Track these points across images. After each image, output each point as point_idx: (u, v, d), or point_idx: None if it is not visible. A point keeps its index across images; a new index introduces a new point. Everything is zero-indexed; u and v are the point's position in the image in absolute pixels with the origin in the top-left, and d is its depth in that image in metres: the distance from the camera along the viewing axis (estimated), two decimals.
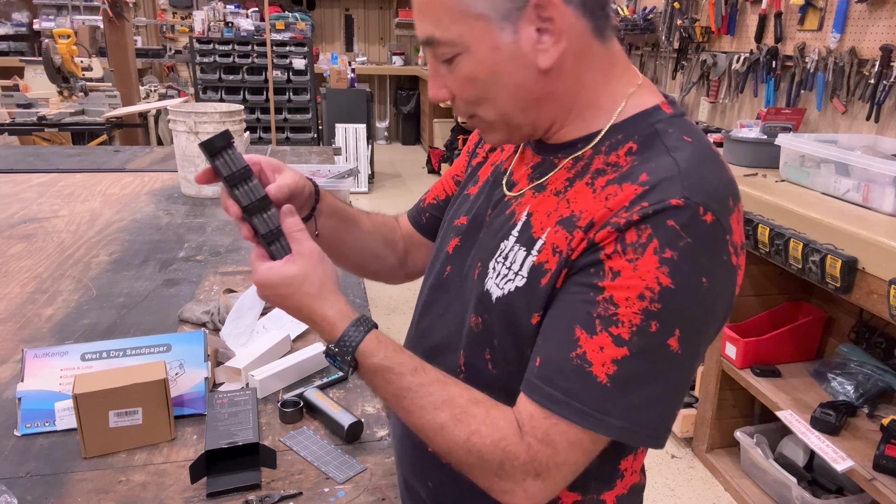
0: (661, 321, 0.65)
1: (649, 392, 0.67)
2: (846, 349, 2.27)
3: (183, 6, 8.46)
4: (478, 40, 0.71)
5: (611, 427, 0.67)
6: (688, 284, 0.65)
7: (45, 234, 2.08)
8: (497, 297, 0.77)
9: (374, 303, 3.62)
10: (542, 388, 0.69)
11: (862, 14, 2.38)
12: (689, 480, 2.54)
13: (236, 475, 1.00)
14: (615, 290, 0.66)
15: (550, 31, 0.70)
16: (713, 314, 0.69)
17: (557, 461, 0.69)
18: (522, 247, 0.76)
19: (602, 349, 0.66)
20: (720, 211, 0.66)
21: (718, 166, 0.71)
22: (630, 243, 0.66)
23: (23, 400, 1.13)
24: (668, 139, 0.71)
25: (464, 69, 0.73)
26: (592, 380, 0.66)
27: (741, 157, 2.57)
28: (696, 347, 0.69)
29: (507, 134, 0.79)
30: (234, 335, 1.36)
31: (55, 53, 4.26)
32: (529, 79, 0.72)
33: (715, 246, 0.66)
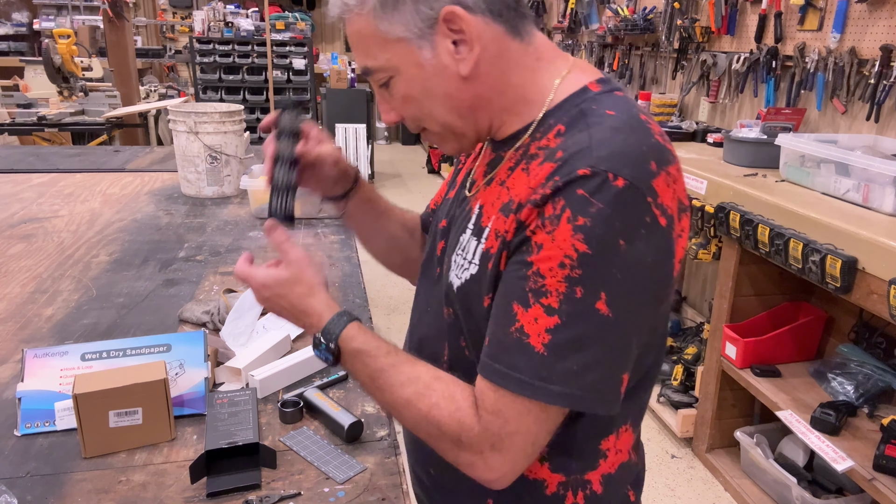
0: (584, 286, 0.68)
1: (585, 356, 0.69)
2: (846, 349, 2.27)
3: (183, 6, 8.46)
4: (403, 61, 0.77)
5: (552, 394, 0.70)
6: (604, 248, 0.68)
7: (45, 234, 2.08)
8: (457, 287, 0.83)
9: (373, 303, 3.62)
10: (489, 364, 0.73)
11: (862, 14, 2.38)
12: (689, 480, 2.54)
13: (236, 475, 1.00)
14: (540, 263, 0.70)
15: (464, 41, 0.76)
16: (643, 275, 0.71)
17: (509, 430, 0.72)
18: (475, 237, 0.81)
19: (536, 320, 0.70)
20: (635, 175, 0.69)
21: (638, 133, 0.73)
22: (548, 217, 0.70)
23: (23, 400, 1.13)
24: (591, 116, 0.75)
25: (399, 89, 0.80)
26: (531, 350, 0.70)
27: (741, 157, 2.57)
28: (629, 309, 0.70)
29: (456, 142, 0.85)
30: (234, 335, 1.36)
31: (55, 53, 4.26)
32: (455, 87, 0.78)
33: (630, 209, 0.68)
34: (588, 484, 0.84)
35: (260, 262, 0.92)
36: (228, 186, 2.55)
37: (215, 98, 6.58)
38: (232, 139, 2.48)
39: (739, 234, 2.21)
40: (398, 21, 0.75)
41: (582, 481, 0.84)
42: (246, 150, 2.68)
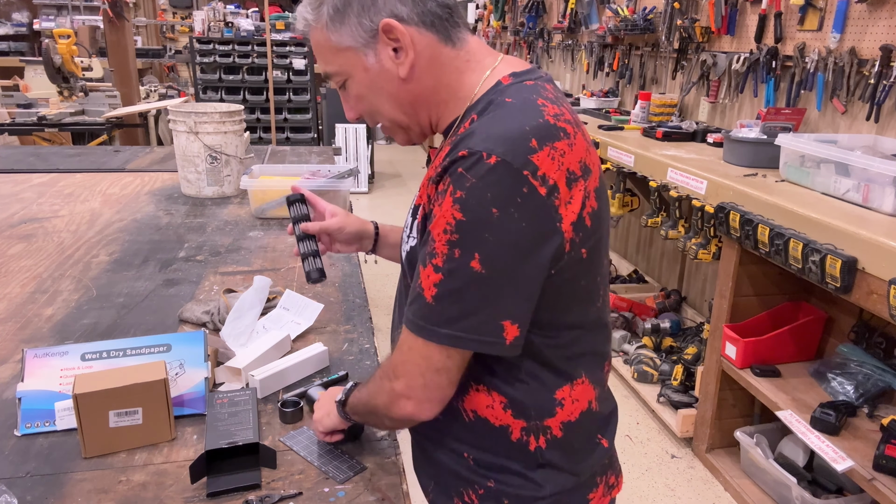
0: (460, 248, 0.81)
1: (463, 305, 0.83)
2: (846, 349, 2.27)
3: (183, 6, 8.47)
4: (353, 66, 0.93)
5: (438, 334, 0.84)
6: (477, 215, 0.80)
7: (45, 234, 2.08)
8: (405, 258, 0.97)
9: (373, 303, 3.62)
10: (406, 315, 0.88)
11: (862, 14, 2.38)
12: (689, 480, 2.54)
13: (236, 475, 1.00)
14: (433, 230, 0.84)
15: (401, 48, 0.90)
16: (517, 237, 0.81)
17: (402, 360, 0.89)
18: (412, 214, 0.96)
19: (428, 277, 0.84)
20: (508, 153, 0.80)
21: (523, 116, 0.84)
22: (440, 192, 0.84)
23: (23, 400, 1.13)
24: (494, 106, 0.88)
25: (353, 90, 0.96)
26: (423, 301, 0.85)
27: (741, 157, 2.57)
28: (503, 267, 0.81)
29: (404, 134, 1.00)
30: (234, 335, 1.36)
31: (55, 53, 4.26)
32: (396, 87, 0.93)
33: (502, 182, 0.80)
34: (548, 429, 0.94)
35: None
36: (228, 186, 2.55)
37: (215, 98, 6.58)
38: (232, 139, 2.49)
39: (739, 234, 2.21)
40: (346, 33, 0.90)
41: (542, 427, 0.94)
42: (246, 150, 2.68)
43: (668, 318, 3.34)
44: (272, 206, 2.29)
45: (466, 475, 0.98)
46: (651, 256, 4.00)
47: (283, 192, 2.28)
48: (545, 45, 5.33)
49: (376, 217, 1.36)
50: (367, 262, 1.38)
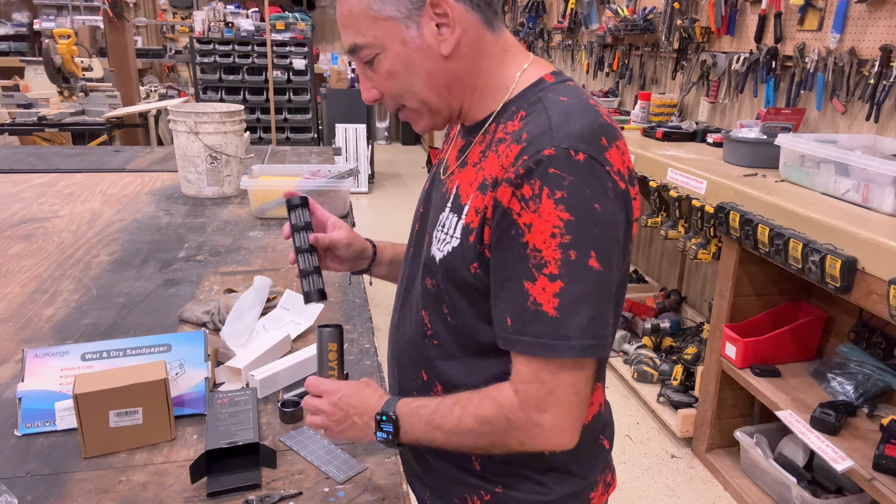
0: (575, 248, 0.78)
1: (590, 309, 0.79)
2: (846, 349, 2.27)
3: (183, 6, 8.46)
4: (390, 39, 0.86)
5: (572, 348, 0.79)
6: (583, 212, 0.78)
7: (45, 234, 2.08)
8: (440, 259, 0.91)
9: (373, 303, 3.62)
10: (518, 339, 0.82)
11: (861, 14, 2.38)
12: (689, 480, 2.54)
13: (236, 475, 1.00)
14: (534, 240, 0.79)
15: (446, 24, 0.85)
16: (615, 231, 0.81)
17: (549, 389, 0.81)
18: (454, 213, 0.90)
19: (544, 290, 0.79)
20: (590, 149, 0.79)
21: (589, 115, 0.83)
22: (529, 197, 0.79)
23: (23, 400, 1.13)
24: (547, 101, 0.85)
25: (384, 66, 0.88)
26: (546, 317, 0.79)
27: (741, 157, 2.57)
28: (611, 261, 0.81)
29: (430, 118, 0.93)
30: (234, 335, 1.36)
31: (55, 53, 4.26)
32: (436, 65, 0.87)
33: (595, 177, 0.79)
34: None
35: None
36: (228, 186, 2.55)
37: (215, 98, 6.58)
38: (232, 139, 2.49)
39: (739, 234, 2.21)
40: (389, 1, 0.84)
41: None
42: (246, 150, 2.68)
43: (667, 318, 3.34)
44: (272, 206, 2.29)
45: (471, 481, 0.96)
46: (651, 256, 4.00)
47: (284, 192, 2.29)
48: (545, 45, 5.33)
49: (376, 217, 1.35)
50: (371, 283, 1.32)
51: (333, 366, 0.98)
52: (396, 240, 1.24)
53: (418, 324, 0.97)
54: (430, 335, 0.95)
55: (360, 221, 4.49)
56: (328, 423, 0.95)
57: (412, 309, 0.99)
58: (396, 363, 1.04)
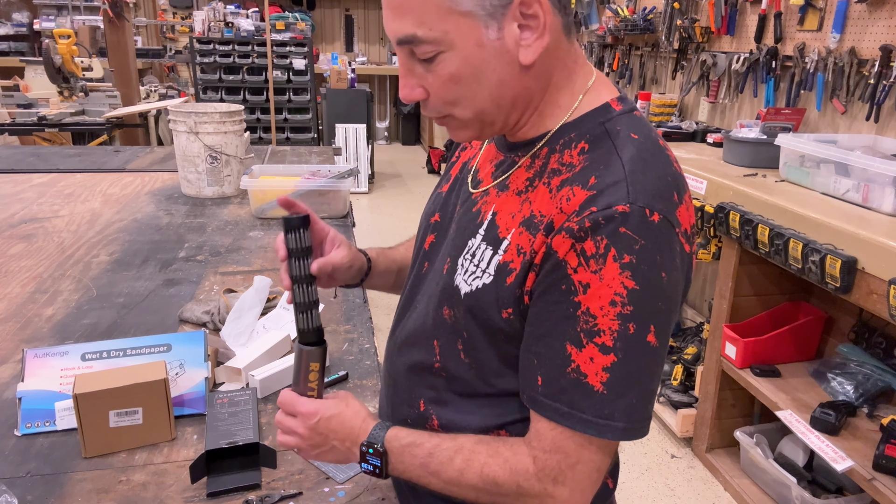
0: (636, 322, 0.70)
1: (641, 389, 0.72)
2: (846, 349, 2.27)
3: (183, 6, 8.46)
4: (463, 37, 0.71)
5: (615, 430, 0.71)
6: (650, 282, 0.69)
7: (45, 234, 2.08)
8: (465, 293, 0.80)
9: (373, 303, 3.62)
10: (549, 404, 0.73)
11: (861, 14, 2.38)
12: (689, 480, 2.54)
13: (236, 475, 1.00)
14: (590, 302, 0.70)
15: (532, 28, 0.72)
16: (676, 303, 0.74)
17: (570, 462, 0.73)
18: (489, 246, 0.79)
19: (592, 360, 0.70)
20: (665, 209, 0.70)
21: (662, 163, 0.74)
22: (591, 255, 0.69)
23: (23, 400, 1.13)
24: (617, 138, 0.74)
25: (447, 67, 0.73)
26: (590, 390, 0.71)
27: (741, 157, 2.57)
28: (668, 336, 0.73)
29: (478, 131, 0.80)
30: (234, 335, 1.36)
31: (55, 53, 4.26)
32: (511, 74, 0.74)
33: (666, 242, 0.71)
34: None
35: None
36: (228, 186, 2.55)
37: (215, 98, 6.58)
38: (232, 139, 2.49)
39: (739, 234, 2.21)
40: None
41: None
42: (246, 150, 2.68)
43: None
44: (272, 205, 2.29)
45: None
46: None
47: (284, 192, 2.29)
48: None
49: (376, 217, 1.34)
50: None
51: (314, 387, 0.89)
52: (396, 240, 1.22)
53: (426, 351, 0.88)
54: (437, 367, 0.86)
55: (360, 221, 4.49)
56: (303, 446, 0.87)
57: (420, 333, 0.89)
58: (393, 384, 0.95)
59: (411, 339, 0.91)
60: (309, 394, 0.89)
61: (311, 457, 0.89)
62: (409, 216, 5.65)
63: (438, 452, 0.79)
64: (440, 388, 0.87)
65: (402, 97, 0.78)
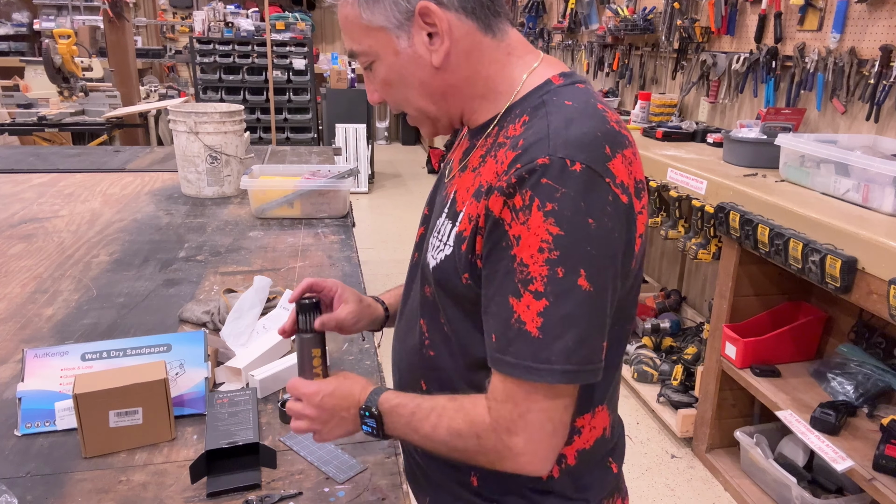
0: (564, 266, 0.73)
1: (577, 332, 0.74)
2: (846, 349, 2.28)
3: (183, 6, 8.46)
4: (383, 48, 0.85)
5: (553, 372, 0.74)
6: (575, 227, 0.73)
7: (45, 234, 2.08)
8: (433, 267, 0.88)
9: None
10: (500, 358, 0.78)
11: (862, 14, 2.38)
12: (688, 480, 2.54)
13: (236, 475, 1.00)
14: (522, 253, 0.75)
15: (437, 34, 0.83)
16: (610, 249, 0.76)
17: (521, 411, 0.77)
18: (449, 220, 0.87)
19: (529, 307, 0.74)
20: (590, 159, 0.74)
21: (593, 121, 0.78)
22: (520, 208, 0.75)
23: (23, 400, 1.13)
24: (550, 106, 0.81)
25: (379, 73, 0.88)
26: (528, 336, 0.75)
27: (741, 157, 2.57)
28: (604, 282, 0.76)
29: (431, 125, 0.92)
30: (234, 335, 1.36)
31: (55, 53, 4.26)
32: (428, 75, 0.85)
33: (593, 190, 0.74)
34: (563, 458, 0.89)
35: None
36: (228, 186, 2.55)
37: (215, 98, 6.58)
38: (232, 139, 2.49)
39: (739, 234, 2.21)
40: (379, 11, 0.83)
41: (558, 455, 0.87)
42: (246, 150, 2.68)
43: (667, 318, 3.34)
44: (272, 206, 2.30)
45: (469, 497, 0.94)
46: (651, 256, 4.00)
47: (283, 192, 2.29)
48: (545, 45, 5.33)
49: (376, 217, 1.34)
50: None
51: (318, 371, 0.93)
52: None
53: (418, 333, 0.94)
54: (427, 344, 0.93)
55: (360, 221, 4.49)
56: (314, 427, 0.91)
57: (412, 317, 0.97)
58: (398, 371, 1.02)
59: (408, 325, 0.98)
60: (315, 378, 0.94)
61: (324, 436, 0.92)
62: (410, 216, 5.65)
63: (419, 411, 0.85)
64: (433, 365, 0.93)
65: (368, 100, 0.94)
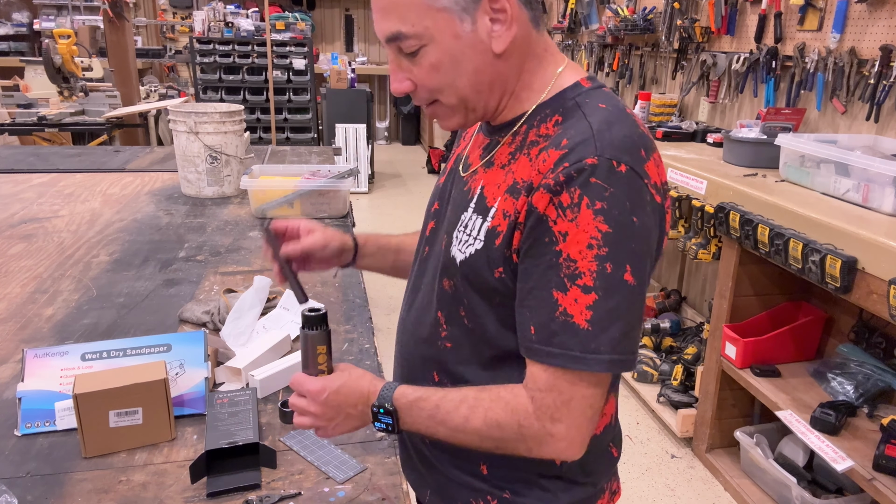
0: (612, 261, 0.76)
1: (622, 324, 0.78)
2: (846, 349, 2.27)
3: (183, 6, 8.46)
4: (442, 31, 0.81)
5: (602, 362, 0.77)
6: (622, 225, 0.76)
7: (45, 234, 2.08)
8: (461, 261, 0.88)
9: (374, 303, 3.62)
10: (541, 349, 0.80)
11: (862, 14, 2.38)
12: (689, 480, 2.54)
13: (236, 475, 1.00)
14: (569, 248, 0.77)
15: (501, 21, 0.82)
16: (650, 246, 0.80)
17: (565, 399, 0.79)
18: (479, 215, 0.87)
19: (576, 301, 0.77)
20: (632, 161, 0.78)
21: (628, 125, 0.81)
22: (567, 205, 0.77)
23: (23, 400, 1.13)
24: (586, 108, 0.83)
25: (429, 58, 0.83)
26: (576, 328, 0.77)
27: (741, 157, 2.57)
28: (644, 276, 0.80)
29: (464, 117, 0.90)
30: (234, 335, 1.36)
31: (55, 53, 4.26)
32: (486, 62, 0.84)
33: (635, 190, 0.78)
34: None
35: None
36: (228, 186, 2.55)
37: (215, 98, 6.57)
38: (232, 139, 2.49)
39: (739, 234, 2.21)
40: None
41: None
42: (246, 150, 2.68)
43: (667, 317, 3.34)
44: (272, 206, 2.29)
45: (478, 485, 0.95)
46: None
47: (284, 192, 2.29)
48: None
49: (376, 217, 1.35)
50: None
51: (323, 368, 0.92)
52: None
53: (432, 325, 0.95)
54: (444, 336, 0.93)
55: (360, 221, 4.49)
56: (319, 423, 0.90)
57: (426, 309, 0.97)
58: (406, 363, 1.02)
59: (420, 317, 0.98)
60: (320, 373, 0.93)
61: (330, 433, 0.91)
62: (409, 216, 5.65)
63: (444, 403, 0.85)
64: (449, 358, 0.93)
65: (392, 90, 0.88)
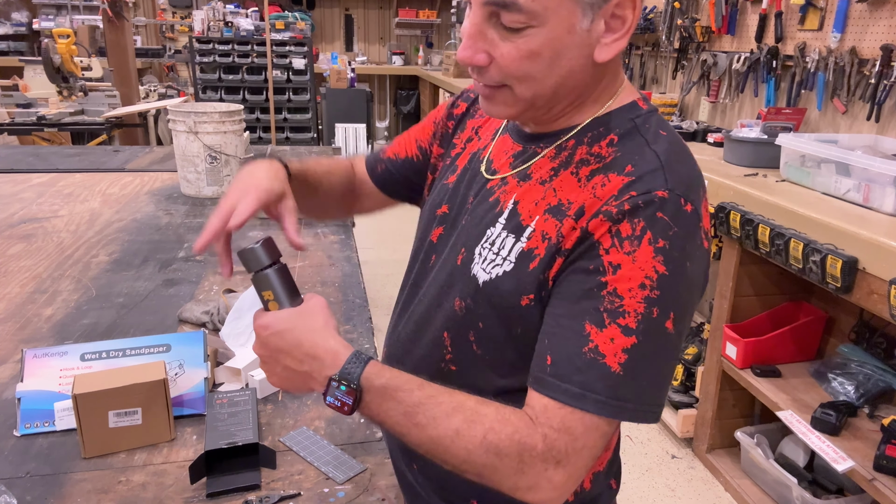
0: (660, 306, 0.70)
1: (654, 372, 0.72)
2: (846, 349, 2.27)
3: (183, 6, 8.45)
4: (559, 19, 0.71)
5: (626, 410, 0.71)
6: (678, 269, 0.70)
7: (44, 234, 2.08)
8: (484, 281, 0.80)
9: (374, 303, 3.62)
10: (557, 384, 0.71)
11: (862, 14, 2.38)
12: (689, 480, 2.54)
13: (236, 475, 1.00)
14: (618, 283, 0.70)
15: (615, 30, 0.74)
16: (696, 294, 0.75)
17: (577, 447, 0.71)
18: (510, 233, 0.79)
19: (612, 340, 0.69)
20: (696, 201, 0.73)
21: (691, 159, 0.77)
22: (626, 237, 0.70)
23: (22, 400, 1.13)
24: (647, 134, 0.77)
25: (531, 42, 0.72)
26: (606, 370, 0.69)
27: (741, 157, 2.57)
28: (684, 327, 0.73)
29: (522, 111, 0.79)
30: (234, 335, 1.35)
31: (55, 53, 4.25)
32: (583, 67, 0.75)
33: (694, 233, 0.72)
34: (580, 484, 0.84)
35: None
36: (228, 186, 2.55)
37: (215, 98, 6.57)
38: (231, 139, 2.48)
39: (740, 234, 2.21)
40: None
41: None
42: (246, 149, 2.68)
43: None
44: None
45: None
46: None
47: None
48: None
49: (376, 217, 1.33)
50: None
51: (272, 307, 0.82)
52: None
53: (433, 344, 0.87)
54: (448, 359, 0.86)
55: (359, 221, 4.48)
56: (263, 367, 0.81)
57: (425, 325, 0.89)
58: None
59: (417, 331, 0.91)
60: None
61: (272, 381, 0.80)
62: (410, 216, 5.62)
63: (431, 405, 0.73)
64: (451, 381, 0.82)
65: (460, 58, 0.76)
